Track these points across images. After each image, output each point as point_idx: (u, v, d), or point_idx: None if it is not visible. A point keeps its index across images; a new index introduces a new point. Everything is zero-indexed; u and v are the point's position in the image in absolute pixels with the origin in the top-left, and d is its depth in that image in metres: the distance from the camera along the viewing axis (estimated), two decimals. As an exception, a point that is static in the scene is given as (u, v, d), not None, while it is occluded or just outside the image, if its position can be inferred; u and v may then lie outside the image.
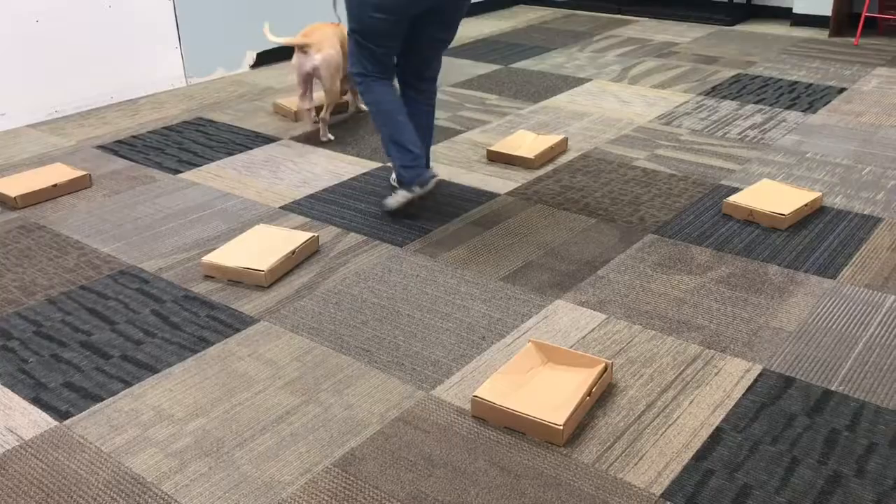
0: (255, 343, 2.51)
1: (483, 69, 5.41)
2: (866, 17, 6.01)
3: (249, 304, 2.71)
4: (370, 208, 3.38)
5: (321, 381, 2.32)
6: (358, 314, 2.64)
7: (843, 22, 6.19)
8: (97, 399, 2.26)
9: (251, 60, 5.50)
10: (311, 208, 3.40)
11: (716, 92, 4.82)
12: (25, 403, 2.25)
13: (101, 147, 4.16)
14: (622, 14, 7.02)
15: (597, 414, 2.17)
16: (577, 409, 2.09)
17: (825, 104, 4.56)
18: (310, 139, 4.18)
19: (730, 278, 2.81)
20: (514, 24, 6.73)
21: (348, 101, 4.56)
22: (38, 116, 4.55)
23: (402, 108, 3.13)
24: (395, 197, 3.21)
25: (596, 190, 3.52)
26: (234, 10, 5.26)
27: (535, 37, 6.29)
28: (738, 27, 6.50)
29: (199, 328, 2.59)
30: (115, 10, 4.71)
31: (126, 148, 4.13)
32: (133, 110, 4.72)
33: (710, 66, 5.38)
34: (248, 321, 2.62)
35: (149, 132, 4.35)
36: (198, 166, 3.88)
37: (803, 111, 4.45)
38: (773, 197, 3.26)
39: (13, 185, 3.54)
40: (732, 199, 3.26)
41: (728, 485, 1.92)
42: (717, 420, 2.13)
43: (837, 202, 3.36)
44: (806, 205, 3.20)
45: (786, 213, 3.12)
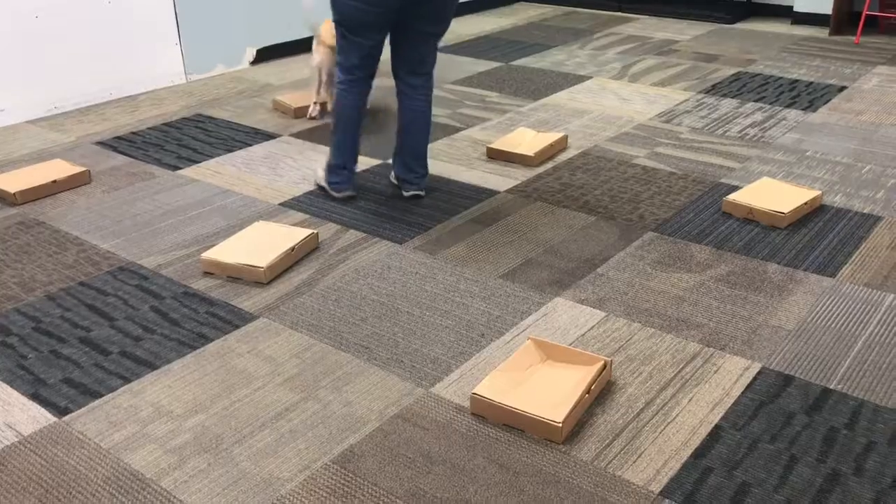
0: (254, 340, 2.50)
1: (483, 66, 5.40)
2: (867, 15, 6.01)
3: (249, 301, 2.71)
4: (370, 205, 3.38)
5: (320, 378, 2.32)
6: (357, 311, 2.64)
7: (843, 20, 6.18)
8: (96, 395, 2.26)
9: (251, 57, 5.50)
10: (311, 205, 3.40)
11: (716, 90, 4.81)
12: (24, 399, 2.25)
13: (101, 143, 4.15)
14: (623, 11, 7.02)
15: (596, 411, 2.17)
16: (576, 406, 2.09)
17: (825, 102, 4.56)
18: (310, 136, 4.18)
19: (729, 276, 2.81)
20: (515, 22, 6.73)
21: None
22: (38, 112, 4.55)
23: (359, 123, 3.31)
24: (319, 178, 3.50)
25: (596, 188, 3.52)
26: (234, 6, 5.26)
27: (536, 34, 6.29)
28: (738, 25, 6.50)
29: (199, 325, 2.59)
30: (114, 6, 4.70)
31: (125, 144, 4.13)
32: (132, 107, 4.71)
33: (711, 64, 5.38)
34: (248, 318, 2.62)
35: (148, 128, 4.35)
36: (197, 163, 3.88)
37: (803, 109, 4.45)
38: (772, 195, 3.26)
39: (12, 181, 3.54)
40: (732, 197, 3.26)
41: (727, 483, 1.92)
42: (715, 418, 2.13)
43: (837, 200, 3.36)
44: (805, 203, 3.20)
45: (785, 211, 3.12)
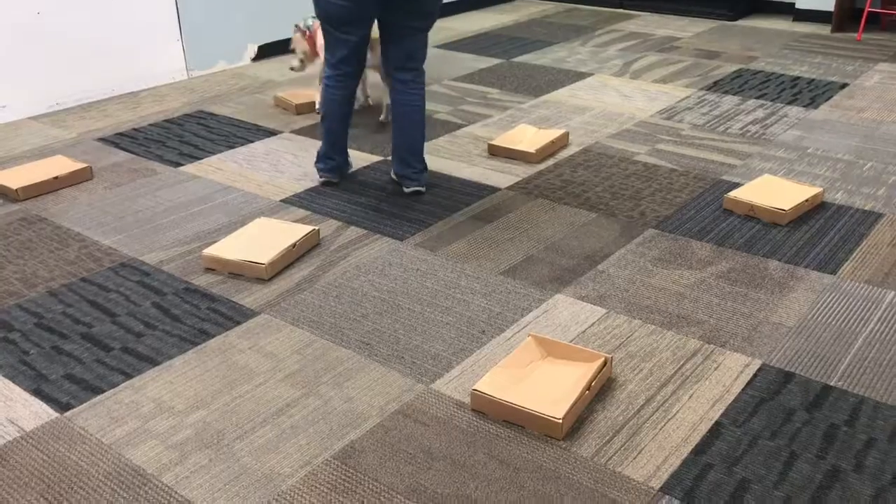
0: (255, 336, 2.51)
1: (484, 63, 5.40)
2: (869, 12, 6.00)
3: (250, 297, 2.72)
4: (371, 202, 3.38)
5: (321, 374, 2.32)
6: (358, 307, 2.64)
7: (845, 17, 6.17)
8: (98, 391, 2.27)
9: (252, 53, 5.50)
10: (312, 202, 3.40)
11: (717, 87, 4.81)
12: (26, 395, 2.26)
13: (103, 139, 4.16)
14: (624, 8, 7.01)
15: (596, 408, 2.17)
16: (576, 402, 2.09)
17: (827, 100, 4.56)
18: (312, 132, 4.18)
19: (730, 273, 2.81)
20: (516, 18, 6.72)
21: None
22: (40, 109, 4.55)
23: (345, 116, 3.38)
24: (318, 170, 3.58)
25: (597, 184, 3.52)
26: (236, 2, 5.25)
27: (537, 31, 6.28)
28: (740, 22, 6.49)
29: (200, 321, 2.59)
30: (116, 2, 4.70)
31: (127, 140, 4.13)
32: (134, 103, 4.72)
33: (712, 61, 5.38)
34: (249, 314, 2.62)
35: (150, 125, 4.35)
36: (199, 159, 3.88)
37: (805, 107, 4.45)
38: (773, 192, 3.26)
39: (14, 178, 3.54)
40: (733, 194, 3.26)
41: (727, 479, 1.92)
42: (716, 414, 2.13)
43: (838, 198, 3.36)
44: (807, 200, 3.20)
45: (786, 208, 3.12)
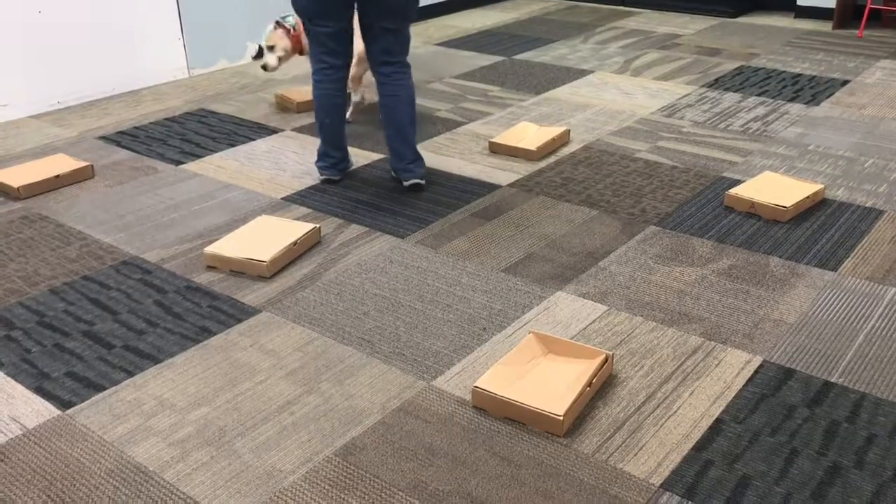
0: (256, 333, 2.51)
1: (485, 61, 5.40)
2: (870, 8, 5.99)
3: (251, 295, 2.72)
4: (372, 199, 3.39)
5: (322, 372, 2.32)
6: (359, 305, 2.65)
7: (846, 14, 6.17)
8: (100, 388, 2.27)
9: (253, 52, 5.50)
10: (313, 199, 3.40)
11: (718, 84, 4.81)
12: (28, 393, 2.26)
13: (104, 138, 4.16)
14: (625, 5, 7.01)
15: (597, 405, 2.17)
16: (577, 399, 2.10)
17: (828, 96, 4.55)
18: (313, 130, 4.18)
19: (731, 270, 2.81)
20: (517, 16, 6.72)
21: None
22: (41, 107, 4.55)
23: (335, 112, 3.38)
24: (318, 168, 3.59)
25: (598, 182, 3.52)
26: (237, 1, 5.25)
27: (538, 28, 6.28)
28: (741, 19, 6.49)
29: (202, 318, 2.59)
30: (117, 1, 4.70)
31: (128, 139, 4.14)
32: (135, 101, 4.72)
33: (713, 58, 5.37)
34: (250, 312, 2.63)
35: (151, 123, 4.36)
36: (200, 157, 3.88)
37: (806, 103, 4.44)
38: (774, 189, 3.25)
39: (16, 176, 3.55)
40: (734, 191, 3.26)
41: (727, 475, 1.93)
42: (717, 411, 2.14)
43: (839, 194, 3.36)
44: (808, 197, 3.20)
45: (787, 205, 3.12)
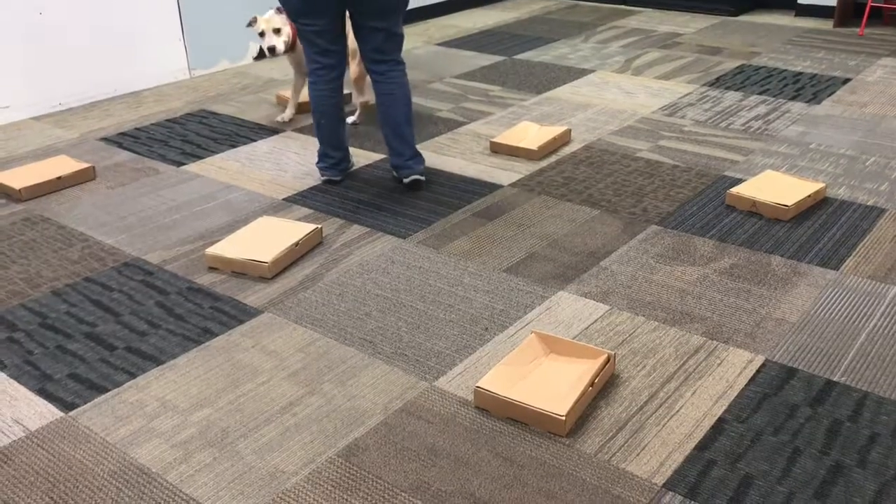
0: (258, 334, 2.51)
1: (486, 60, 5.40)
2: (871, 6, 5.99)
3: (253, 296, 2.72)
4: (373, 200, 3.39)
5: (325, 372, 2.33)
6: (361, 305, 2.65)
7: (847, 12, 6.16)
8: (102, 390, 2.28)
9: (254, 52, 5.50)
10: (315, 200, 3.41)
11: (720, 83, 4.80)
12: (31, 395, 2.26)
13: (105, 139, 4.16)
14: (625, 4, 7.00)
15: (599, 405, 2.17)
16: (579, 399, 2.10)
17: (829, 95, 4.55)
18: (313, 131, 4.18)
19: (733, 269, 2.81)
20: (518, 15, 6.72)
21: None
22: (42, 109, 4.56)
23: (332, 113, 3.37)
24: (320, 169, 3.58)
25: (599, 181, 3.52)
26: (237, 1, 5.26)
27: (539, 28, 6.28)
28: (742, 17, 6.48)
29: (204, 319, 2.60)
30: (118, 2, 4.71)
31: (130, 140, 4.14)
32: (136, 102, 4.72)
33: (714, 56, 5.37)
34: (252, 312, 2.63)
35: (152, 124, 4.36)
36: (201, 158, 3.89)
37: (807, 102, 4.44)
38: (776, 188, 3.25)
39: (18, 178, 3.55)
40: (736, 190, 3.26)
41: (730, 475, 1.93)
42: (719, 411, 2.14)
43: (841, 193, 3.36)
44: (809, 196, 3.20)
45: (789, 203, 3.12)
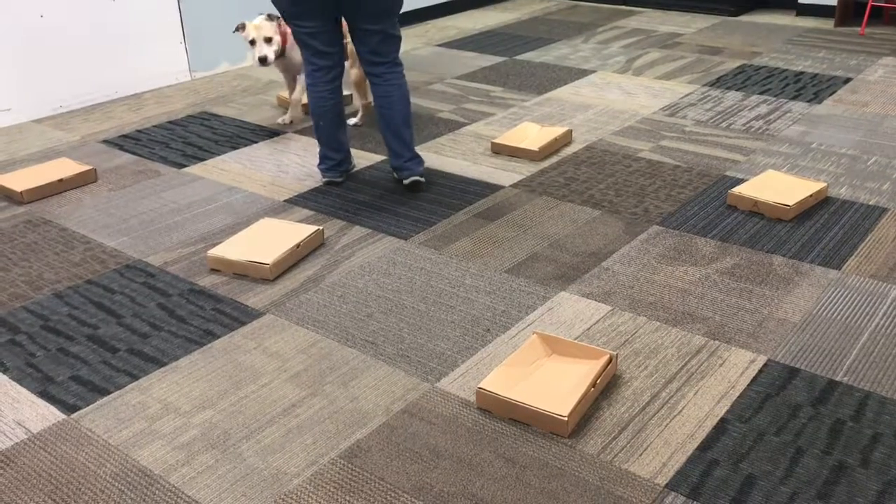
0: (260, 336, 2.52)
1: (487, 61, 5.40)
2: (872, 6, 5.98)
3: (255, 298, 2.72)
4: (375, 201, 3.39)
5: (327, 374, 2.33)
6: (363, 307, 2.65)
7: (848, 11, 6.16)
8: (104, 392, 2.28)
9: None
10: (316, 201, 3.41)
11: (721, 83, 4.80)
12: (33, 397, 2.27)
13: (107, 142, 4.17)
14: (626, 5, 7.00)
15: (601, 405, 2.17)
16: (581, 400, 2.10)
17: (831, 94, 4.55)
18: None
19: (734, 269, 2.81)
20: (518, 16, 6.72)
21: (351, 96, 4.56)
22: (44, 111, 4.56)
23: (330, 115, 3.37)
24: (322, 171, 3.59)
25: (600, 181, 3.52)
26: (238, 3, 5.26)
27: (539, 28, 6.28)
28: (742, 17, 6.48)
29: (205, 321, 2.60)
30: (119, 4, 4.71)
31: (131, 142, 4.14)
32: (138, 105, 4.73)
33: (715, 56, 5.37)
34: (254, 314, 2.63)
35: (154, 126, 4.36)
36: (203, 160, 3.89)
37: (808, 101, 4.44)
38: (777, 188, 3.25)
39: (19, 180, 3.55)
40: (737, 189, 3.26)
41: (732, 475, 1.92)
42: (721, 411, 2.13)
43: (843, 192, 3.35)
44: (811, 195, 3.20)
45: (790, 203, 3.12)
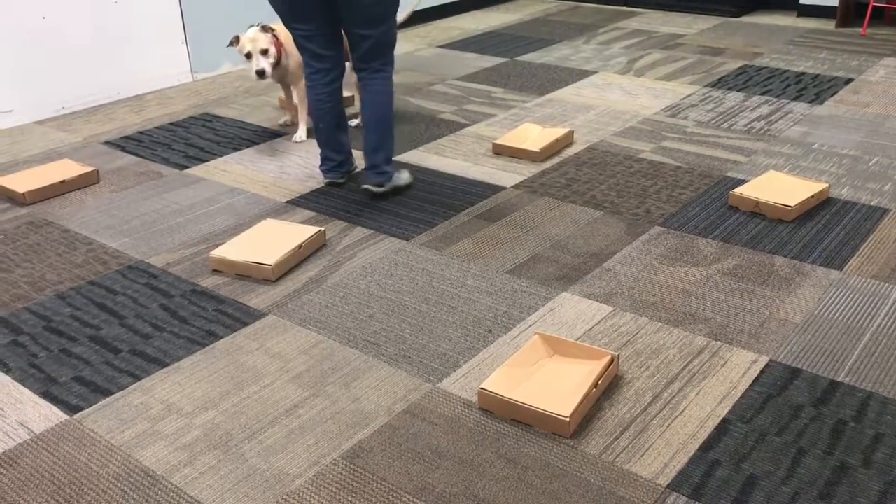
0: (262, 337, 2.52)
1: (488, 62, 5.40)
2: (874, 6, 5.98)
3: (257, 298, 2.72)
4: (376, 202, 3.39)
5: (329, 375, 2.33)
6: (365, 308, 2.65)
7: (850, 12, 6.16)
8: (107, 393, 2.28)
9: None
10: (318, 202, 3.41)
11: (722, 83, 4.80)
12: (36, 398, 2.27)
13: (109, 143, 4.17)
14: (627, 6, 7.00)
15: (603, 406, 2.17)
16: (583, 400, 2.10)
17: (832, 95, 4.55)
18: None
19: (736, 270, 2.81)
20: (520, 17, 6.72)
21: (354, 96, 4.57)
22: (46, 113, 4.57)
23: (329, 116, 3.37)
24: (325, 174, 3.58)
25: (602, 182, 3.52)
26: (240, 4, 5.27)
27: (541, 29, 6.28)
28: (744, 18, 6.48)
29: (208, 322, 2.60)
30: (121, 6, 4.72)
31: (133, 144, 4.15)
32: (140, 106, 4.73)
33: (717, 57, 5.37)
34: (256, 315, 2.63)
35: (155, 128, 4.37)
36: (204, 161, 3.89)
37: (810, 102, 4.44)
38: (779, 188, 3.25)
39: (21, 182, 3.56)
40: (739, 190, 3.26)
41: (734, 475, 1.93)
42: (723, 411, 2.14)
43: (844, 193, 3.35)
44: (812, 196, 3.20)
45: (792, 204, 3.12)
